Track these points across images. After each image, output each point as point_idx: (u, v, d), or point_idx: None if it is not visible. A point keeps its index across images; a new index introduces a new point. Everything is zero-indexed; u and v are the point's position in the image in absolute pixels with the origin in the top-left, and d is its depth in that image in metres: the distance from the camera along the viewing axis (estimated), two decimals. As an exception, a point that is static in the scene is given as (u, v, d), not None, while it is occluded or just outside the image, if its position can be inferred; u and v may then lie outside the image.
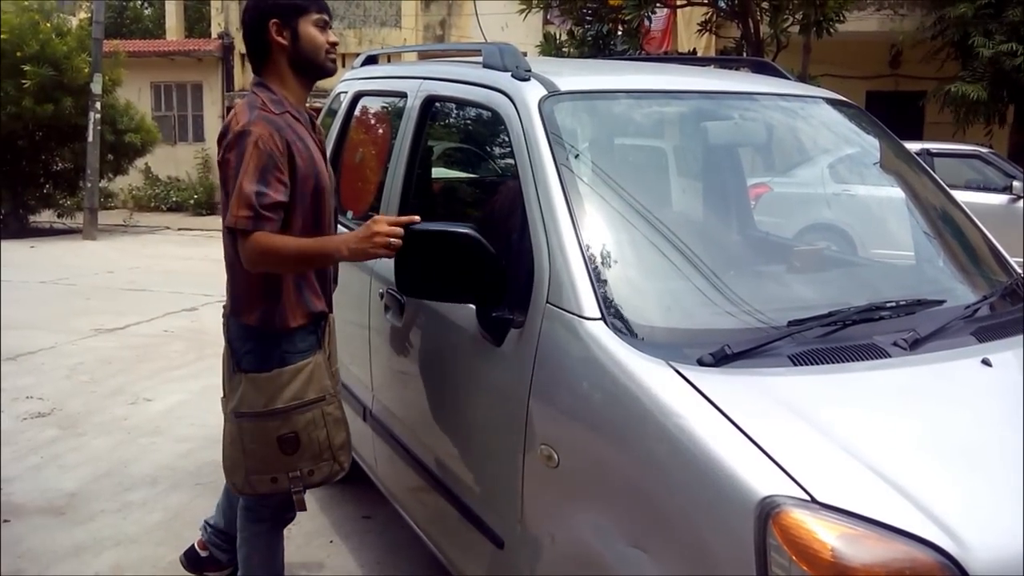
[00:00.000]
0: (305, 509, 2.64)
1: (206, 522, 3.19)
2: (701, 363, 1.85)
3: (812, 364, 1.90)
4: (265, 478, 2.52)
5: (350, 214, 3.63)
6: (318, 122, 2.75)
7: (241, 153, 2.35)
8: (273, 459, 2.50)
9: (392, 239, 2.27)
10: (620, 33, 9.59)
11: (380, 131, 3.75)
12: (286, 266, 2.43)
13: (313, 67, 2.53)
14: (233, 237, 2.41)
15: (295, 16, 2.48)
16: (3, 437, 4.58)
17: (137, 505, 3.87)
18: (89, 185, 14.02)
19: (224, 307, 2.65)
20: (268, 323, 2.49)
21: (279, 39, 2.49)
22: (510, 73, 2.53)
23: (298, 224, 2.45)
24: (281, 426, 2.48)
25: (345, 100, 3.82)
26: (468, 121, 3.08)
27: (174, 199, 18.56)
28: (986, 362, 2.01)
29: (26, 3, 14.50)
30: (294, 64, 2.51)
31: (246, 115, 2.41)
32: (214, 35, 18.77)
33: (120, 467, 4.27)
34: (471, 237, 2.17)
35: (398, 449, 2.93)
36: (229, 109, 17.87)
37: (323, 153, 2.61)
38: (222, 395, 2.67)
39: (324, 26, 2.53)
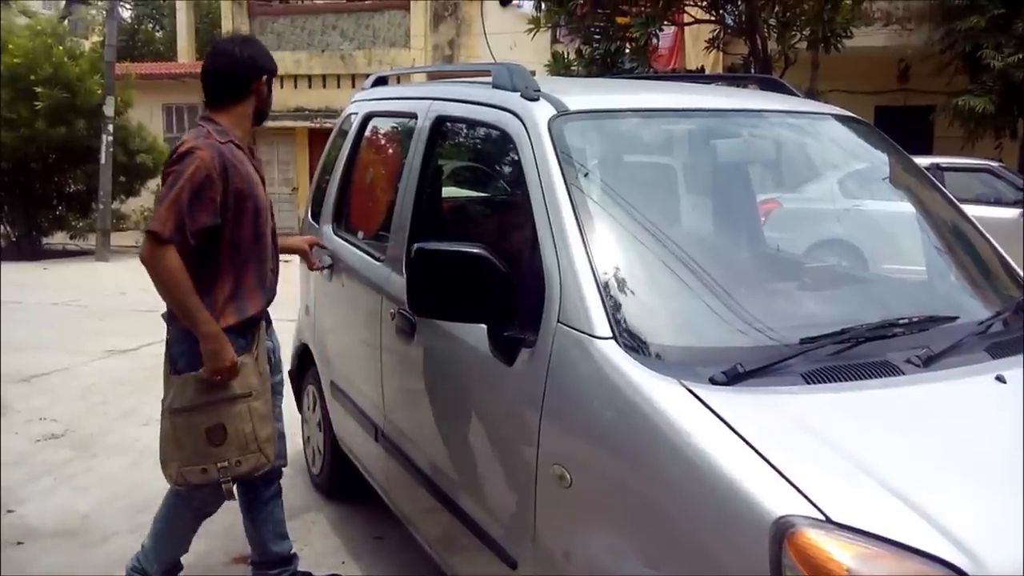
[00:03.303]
0: (234, 498, 2.88)
1: (251, 561, 3.29)
2: (713, 382, 1.85)
3: (825, 382, 1.90)
4: (196, 469, 2.76)
5: (361, 234, 3.65)
6: (256, 150, 3.11)
7: (180, 172, 2.67)
8: (203, 450, 2.74)
9: (218, 377, 2.71)
10: (628, 51, 9.60)
11: (390, 151, 3.78)
12: (164, 292, 2.71)
13: (264, 116, 3.03)
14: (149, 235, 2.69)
15: (272, 77, 3.00)
16: (17, 458, 4.60)
17: (150, 526, 3.86)
18: (101, 207, 14.12)
19: (163, 315, 2.89)
20: None
21: (262, 90, 2.94)
22: (519, 93, 2.54)
23: (244, 236, 2.80)
24: (208, 419, 2.73)
25: (356, 121, 3.85)
26: (478, 141, 3.09)
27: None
28: (1000, 378, 2.00)
29: (40, 27, 14.67)
30: (258, 111, 2.97)
31: (192, 140, 2.77)
32: (225, 57, 18.92)
33: (133, 488, 4.27)
34: (482, 257, 2.17)
35: (410, 469, 2.92)
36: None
37: (261, 178, 2.96)
38: (162, 398, 2.87)
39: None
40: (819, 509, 1.55)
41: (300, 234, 4.08)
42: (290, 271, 3.76)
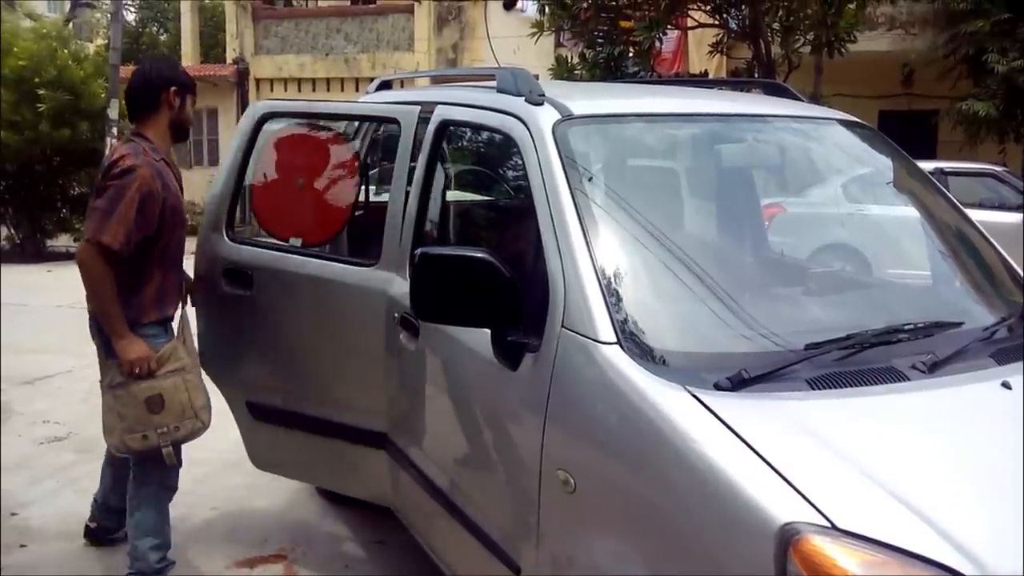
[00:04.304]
0: (175, 463, 3.15)
1: (94, 497, 3.65)
2: (718, 387, 1.85)
3: (830, 388, 1.89)
4: (137, 436, 3.04)
5: (297, 241, 3.36)
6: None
7: (125, 186, 2.94)
8: (143, 418, 3.03)
9: (138, 369, 3.00)
10: (631, 55, 9.59)
11: (337, 156, 3.54)
12: (93, 296, 3.05)
13: (182, 131, 3.27)
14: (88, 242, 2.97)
15: (186, 92, 3.24)
16: (21, 461, 4.60)
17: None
18: (105, 209, 14.09)
19: (89, 310, 3.17)
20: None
21: (172, 101, 3.18)
22: (524, 98, 2.55)
23: (172, 244, 3.16)
24: (147, 389, 3.02)
25: (247, 125, 3.45)
26: (482, 145, 3.09)
27: (189, 223, 18.63)
28: (1006, 385, 2.00)
29: (44, 30, 14.69)
30: (171, 124, 3.22)
31: (132, 157, 3.01)
32: (229, 60, 18.93)
33: (136, 491, 4.26)
34: (486, 261, 2.17)
35: (413, 474, 2.92)
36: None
37: (181, 190, 3.27)
38: (100, 379, 3.19)
39: (192, 106, 3.32)
40: (824, 516, 1.55)
41: None
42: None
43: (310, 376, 3.28)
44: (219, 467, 4.47)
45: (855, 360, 1.98)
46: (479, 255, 2.18)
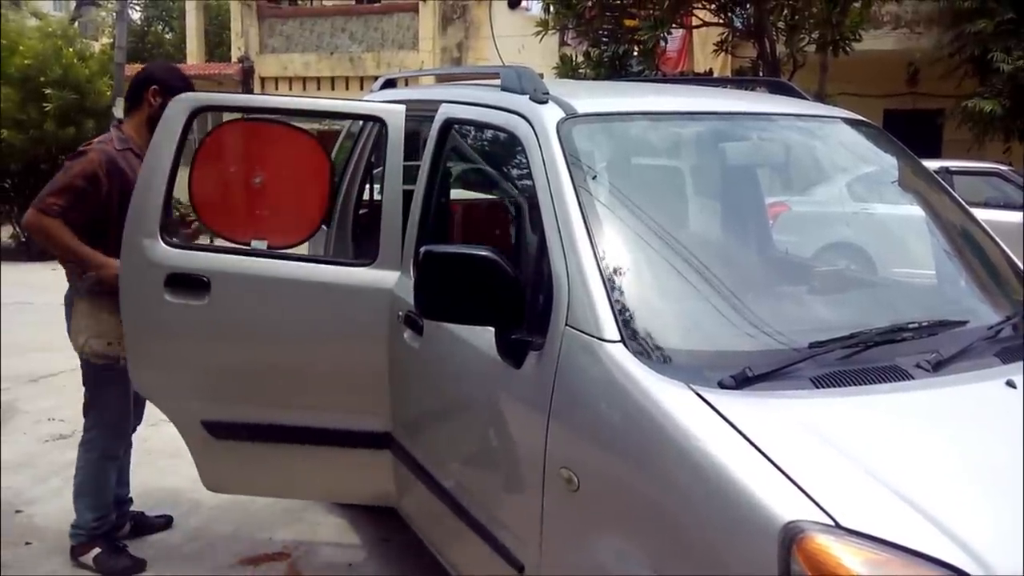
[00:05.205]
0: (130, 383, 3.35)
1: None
2: (722, 386, 1.85)
3: (834, 387, 1.89)
4: (103, 341, 3.29)
5: (264, 243, 3.05)
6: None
7: (71, 166, 3.26)
8: (115, 326, 3.15)
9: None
10: (636, 54, 9.58)
11: (317, 151, 3.21)
12: (54, 247, 3.28)
13: None
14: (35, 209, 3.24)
15: (169, 94, 3.21)
16: (26, 459, 4.62)
17: (157, 527, 3.87)
18: (110, 208, 14.12)
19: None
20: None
21: (151, 100, 3.38)
22: (528, 96, 2.54)
23: (112, 220, 3.20)
24: None
25: (181, 120, 3.06)
26: (487, 144, 3.09)
27: (193, 221, 18.64)
28: (1010, 383, 1.99)
29: (50, 29, 14.71)
30: (148, 120, 3.35)
31: (93, 143, 3.36)
32: (234, 59, 18.92)
33: (140, 489, 4.27)
34: (490, 260, 2.17)
35: (417, 472, 2.92)
36: (248, 132, 18.02)
37: None
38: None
39: None
40: (828, 514, 1.55)
41: None
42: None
43: (296, 383, 3.03)
44: (223, 465, 4.47)
45: (859, 359, 1.98)
46: (483, 253, 2.18)
